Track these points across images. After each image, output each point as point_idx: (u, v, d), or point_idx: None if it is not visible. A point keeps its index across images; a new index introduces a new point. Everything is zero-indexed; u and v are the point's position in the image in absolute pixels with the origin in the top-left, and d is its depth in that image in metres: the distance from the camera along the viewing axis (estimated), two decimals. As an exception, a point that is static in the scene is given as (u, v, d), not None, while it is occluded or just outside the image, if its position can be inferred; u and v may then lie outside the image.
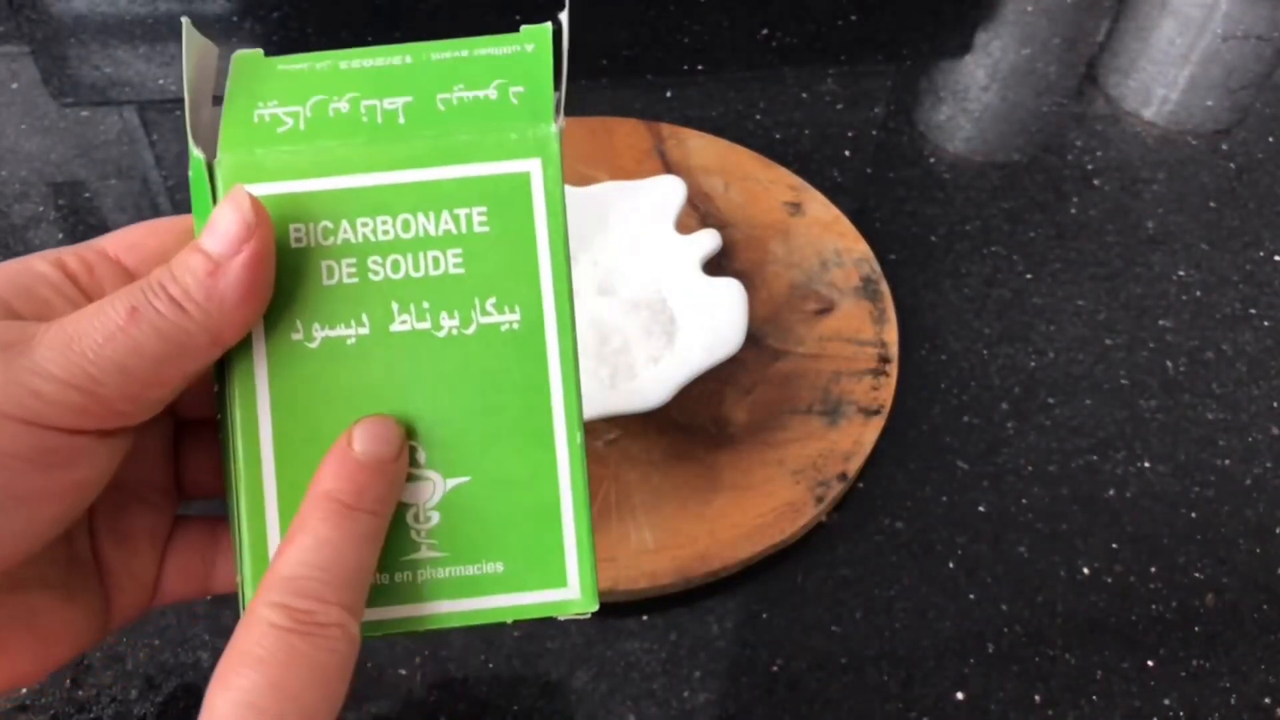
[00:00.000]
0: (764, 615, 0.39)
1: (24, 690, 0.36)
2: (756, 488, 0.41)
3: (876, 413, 0.43)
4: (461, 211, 0.21)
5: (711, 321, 0.41)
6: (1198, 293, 0.51)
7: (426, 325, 0.21)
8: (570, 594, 0.22)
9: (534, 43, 0.22)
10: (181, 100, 0.57)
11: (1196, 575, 0.41)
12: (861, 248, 0.50)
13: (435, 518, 0.21)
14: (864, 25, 0.65)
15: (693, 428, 0.43)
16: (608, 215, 0.45)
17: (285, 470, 0.21)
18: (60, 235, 0.51)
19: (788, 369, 0.45)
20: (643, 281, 0.44)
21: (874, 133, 0.58)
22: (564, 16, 0.22)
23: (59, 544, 0.21)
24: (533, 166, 0.21)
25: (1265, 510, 0.43)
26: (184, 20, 0.21)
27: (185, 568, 0.24)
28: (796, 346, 0.46)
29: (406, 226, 0.21)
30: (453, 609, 0.22)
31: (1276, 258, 0.53)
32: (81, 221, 0.51)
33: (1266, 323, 0.50)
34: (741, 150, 0.54)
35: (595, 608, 0.22)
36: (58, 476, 0.19)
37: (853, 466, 0.42)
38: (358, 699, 0.36)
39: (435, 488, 0.21)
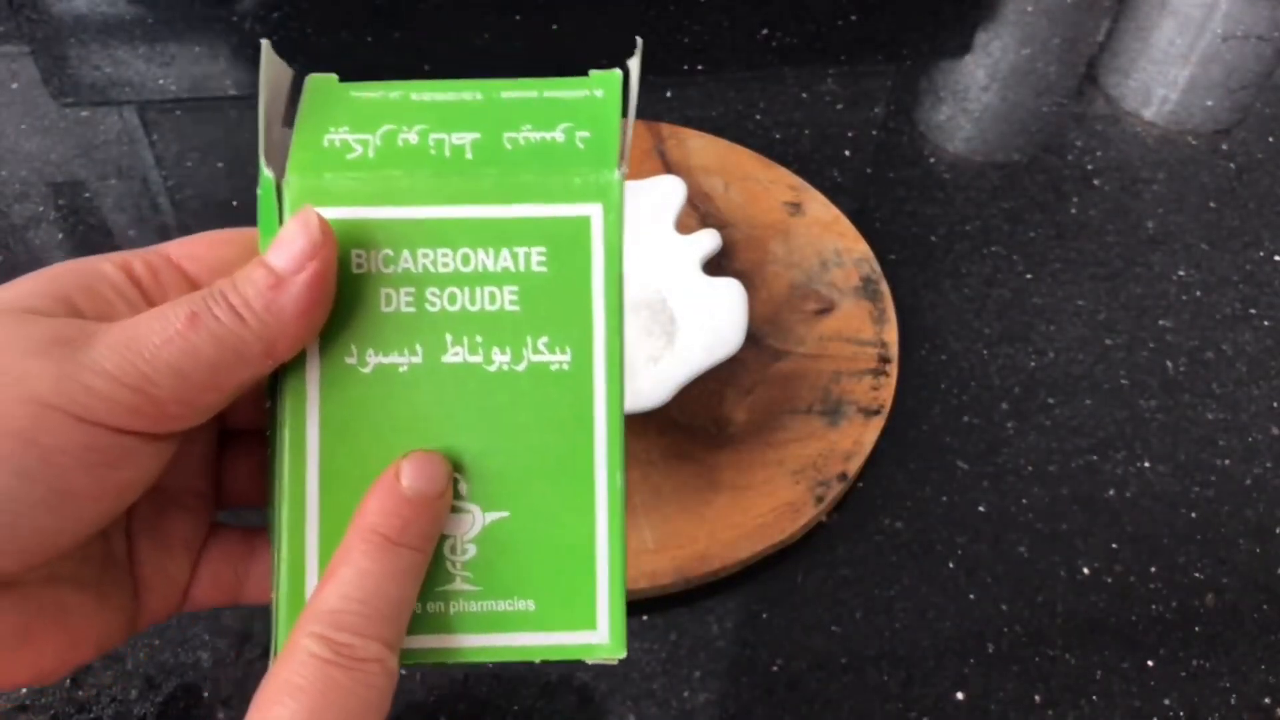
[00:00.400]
0: (764, 615, 0.39)
1: (24, 690, 0.36)
2: (756, 488, 0.41)
3: (876, 413, 0.43)
4: (521, 250, 0.21)
5: (711, 321, 0.41)
6: (1198, 293, 0.51)
7: (478, 359, 0.21)
8: (599, 638, 0.22)
9: (603, 89, 0.23)
10: (182, 100, 0.58)
11: (1196, 575, 0.41)
12: (861, 248, 0.50)
13: (472, 551, 0.22)
14: (864, 25, 0.65)
15: (693, 428, 0.43)
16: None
17: (329, 490, 0.21)
18: (60, 235, 0.51)
19: (788, 369, 0.45)
20: (643, 281, 0.44)
21: (874, 133, 0.58)
22: (633, 64, 0.22)
23: (95, 542, 0.22)
24: (594, 211, 0.21)
25: (1265, 510, 0.43)
26: (264, 42, 0.21)
27: (217, 576, 0.24)
28: (796, 346, 0.46)
29: (466, 260, 0.21)
30: (482, 643, 0.22)
31: (1276, 258, 0.53)
32: (81, 221, 0.51)
33: (1266, 323, 0.50)
34: (741, 150, 0.54)
35: (623, 654, 0.22)
36: (103, 476, 0.19)
37: (853, 466, 0.42)
38: (358, 699, 0.36)
39: (474, 521, 0.22)
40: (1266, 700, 0.38)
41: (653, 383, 0.39)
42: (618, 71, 0.23)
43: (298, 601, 0.21)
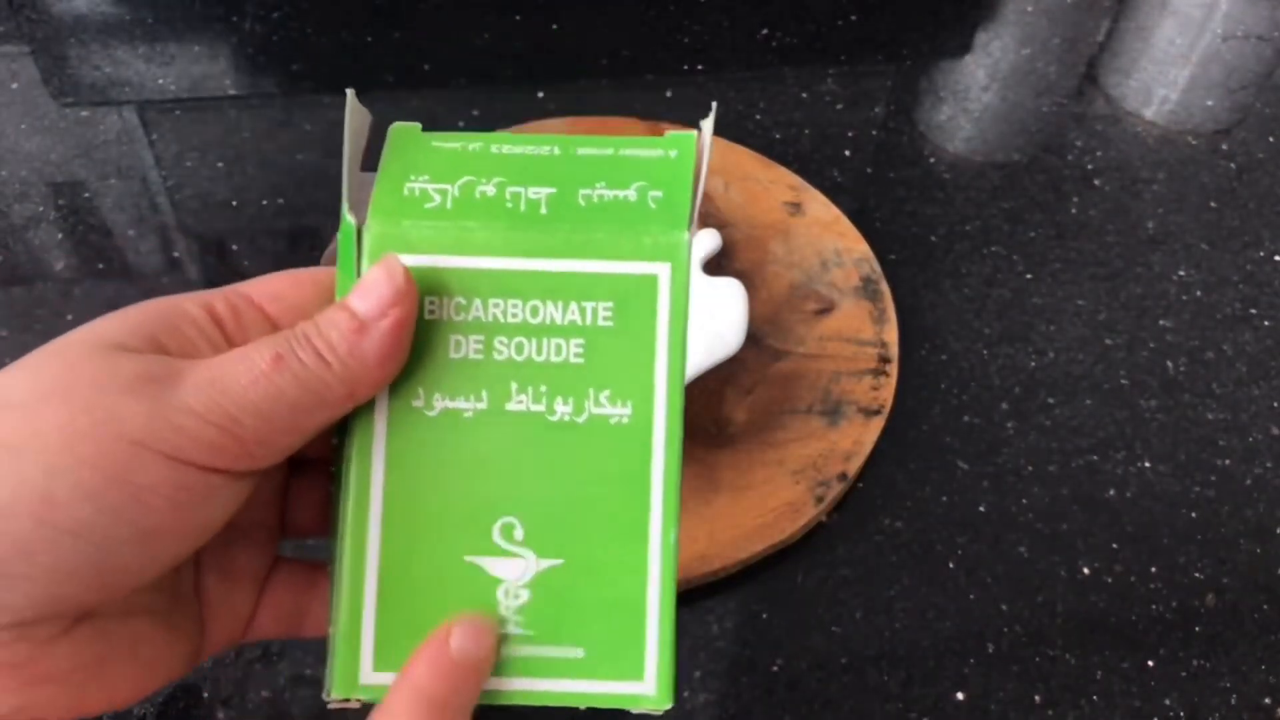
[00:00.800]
0: (764, 615, 0.39)
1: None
2: (756, 488, 0.41)
3: (876, 413, 0.43)
4: (589, 304, 0.22)
5: (711, 322, 0.41)
6: (1198, 293, 0.51)
7: (541, 408, 0.22)
8: (645, 689, 0.22)
9: (678, 149, 0.23)
10: (182, 100, 0.58)
11: (1196, 575, 0.41)
12: (861, 248, 0.50)
13: (524, 596, 0.22)
14: (864, 25, 0.65)
15: (693, 428, 0.43)
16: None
17: (390, 528, 0.22)
18: (60, 235, 0.51)
19: (788, 369, 0.45)
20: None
21: (874, 133, 0.58)
22: (707, 125, 0.23)
23: (167, 575, 0.22)
24: (662, 270, 0.22)
25: (1265, 510, 0.43)
26: (349, 91, 0.22)
27: (280, 607, 0.25)
28: (796, 346, 0.46)
29: (535, 312, 0.22)
30: (528, 687, 0.22)
31: (1276, 258, 0.53)
32: (81, 221, 0.51)
33: (1266, 323, 0.50)
34: (741, 150, 0.54)
35: (670, 705, 0.22)
36: (187, 513, 0.20)
37: (853, 466, 0.42)
38: (358, 699, 0.36)
39: (528, 566, 0.22)
40: (1266, 700, 0.38)
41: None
42: (693, 133, 0.23)
43: (354, 638, 0.22)
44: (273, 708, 0.36)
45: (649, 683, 0.22)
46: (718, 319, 0.41)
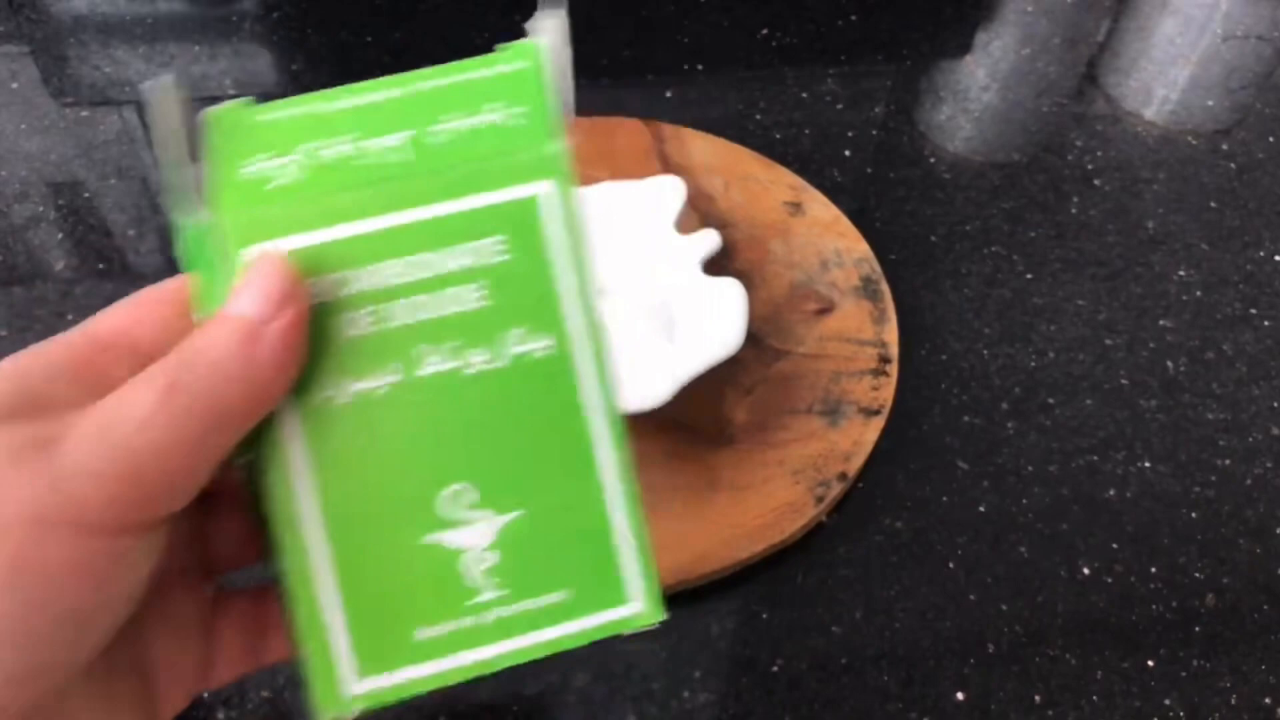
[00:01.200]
0: (764, 615, 0.39)
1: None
2: (756, 488, 0.41)
3: (876, 413, 0.43)
4: (477, 244, 0.20)
5: (711, 321, 0.41)
6: (1198, 293, 0.51)
7: (458, 364, 0.21)
8: (634, 609, 0.22)
9: (526, 60, 0.22)
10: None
11: (1196, 575, 0.41)
12: (861, 248, 0.50)
13: (493, 558, 0.21)
14: (864, 25, 0.65)
15: (693, 428, 0.43)
16: (608, 216, 0.45)
17: (336, 526, 0.20)
18: (60, 235, 0.51)
19: (788, 369, 0.45)
20: (643, 282, 0.44)
21: (874, 133, 0.58)
22: (549, 23, 0.21)
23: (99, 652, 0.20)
24: (544, 188, 0.21)
25: (1265, 510, 0.43)
26: (153, 83, 0.20)
27: (234, 646, 0.23)
28: (796, 346, 0.46)
29: (422, 266, 0.20)
30: (523, 644, 0.21)
31: (1276, 258, 0.53)
32: (81, 221, 0.51)
33: (1266, 323, 0.50)
34: (741, 150, 0.54)
35: (662, 618, 0.22)
36: (108, 584, 0.18)
37: (853, 466, 0.42)
38: (358, 699, 0.36)
39: (489, 528, 0.21)
40: (1266, 700, 0.38)
41: (652, 383, 0.39)
42: (533, 41, 0.22)
43: (325, 653, 0.20)
44: (273, 708, 0.36)
45: (636, 602, 0.22)
46: (718, 319, 0.41)
